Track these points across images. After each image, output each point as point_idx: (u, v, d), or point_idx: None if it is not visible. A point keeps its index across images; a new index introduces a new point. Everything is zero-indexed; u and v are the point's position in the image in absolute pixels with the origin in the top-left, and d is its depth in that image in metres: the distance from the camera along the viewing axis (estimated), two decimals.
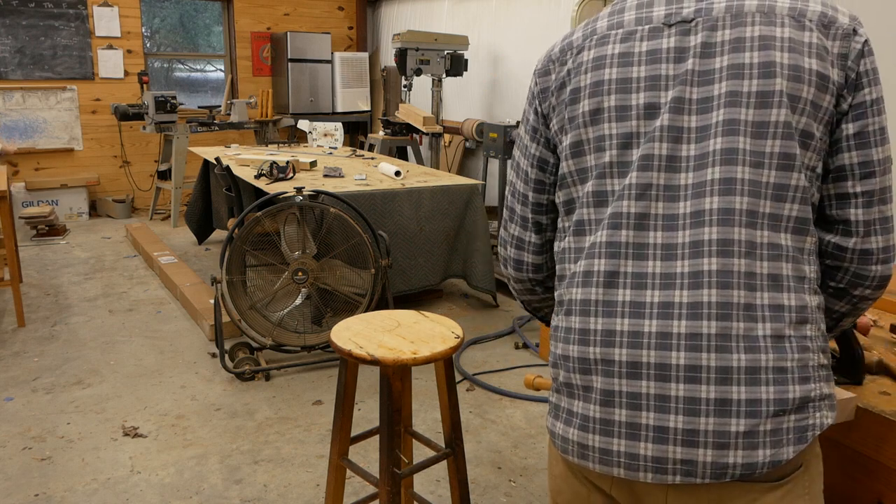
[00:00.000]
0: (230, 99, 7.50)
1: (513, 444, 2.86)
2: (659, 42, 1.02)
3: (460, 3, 6.84)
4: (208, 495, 2.48)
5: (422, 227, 4.12)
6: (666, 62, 1.01)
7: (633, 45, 1.04)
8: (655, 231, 0.98)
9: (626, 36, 1.05)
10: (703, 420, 0.94)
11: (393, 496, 1.72)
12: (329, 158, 5.26)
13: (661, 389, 0.96)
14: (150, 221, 6.88)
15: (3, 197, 3.88)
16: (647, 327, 0.97)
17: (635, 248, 0.99)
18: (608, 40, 1.06)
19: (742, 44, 0.97)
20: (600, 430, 1.00)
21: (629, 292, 0.98)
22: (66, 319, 4.17)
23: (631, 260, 0.99)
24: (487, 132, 5.11)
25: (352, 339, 1.75)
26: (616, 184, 1.02)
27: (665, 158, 0.99)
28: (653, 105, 1.00)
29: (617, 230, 1.00)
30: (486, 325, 4.16)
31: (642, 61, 1.02)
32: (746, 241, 0.95)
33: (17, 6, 6.51)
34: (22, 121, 6.73)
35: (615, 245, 1.00)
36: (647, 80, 1.01)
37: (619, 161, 1.02)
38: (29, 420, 2.98)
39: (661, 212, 0.98)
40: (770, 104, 0.95)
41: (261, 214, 3.34)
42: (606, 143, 1.03)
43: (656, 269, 0.98)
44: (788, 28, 0.97)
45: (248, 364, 3.38)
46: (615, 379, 0.98)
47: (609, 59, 1.04)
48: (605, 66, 1.04)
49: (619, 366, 0.98)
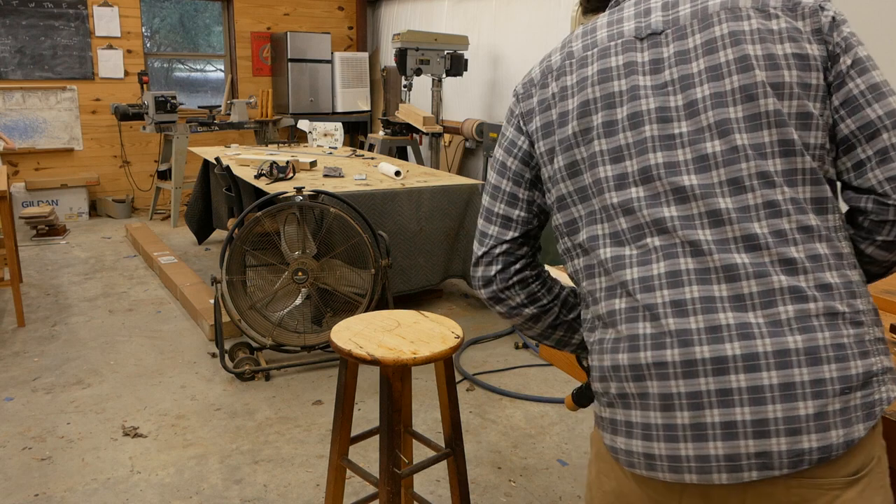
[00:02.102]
0: (230, 99, 7.50)
1: (513, 444, 2.86)
2: (633, 55, 1.05)
3: (460, 3, 6.84)
4: (208, 495, 2.48)
5: (422, 227, 4.12)
6: (643, 74, 1.03)
7: (610, 61, 1.06)
8: (676, 231, 0.99)
9: (601, 54, 1.07)
10: (771, 408, 0.91)
11: (393, 496, 1.72)
12: (329, 158, 5.26)
13: (721, 384, 0.93)
14: (150, 221, 6.88)
15: (3, 197, 3.88)
16: (694, 323, 0.95)
17: (664, 251, 0.99)
18: (587, 61, 1.08)
19: (714, 44, 0.99)
20: (664, 436, 0.96)
21: (667, 293, 0.97)
22: (66, 319, 4.17)
23: (663, 262, 0.99)
24: (487, 132, 5.11)
25: (352, 339, 1.75)
26: (622, 195, 1.02)
27: (665, 166, 1.00)
28: (636, 115, 1.02)
29: (642, 239, 1.00)
30: (486, 325, 4.16)
31: (621, 75, 1.04)
32: (772, 231, 0.95)
33: (17, 6, 6.51)
34: (22, 121, 6.73)
35: (645, 253, 1.00)
36: (628, 93, 1.03)
37: (615, 175, 1.03)
38: (29, 420, 2.98)
39: (675, 213, 0.99)
40: (755, 96, 0.96)
41: (261, 214, 3.34)
42: (599, 160, 1.04)
43: (689, 266, 0.97)
44: (755, 20, 0.99)
45: (248, 364, 3.38)
46: (671, 381, 0.96)
47: (591, 78, 1.06)
48: (587, 86, 1.06)
49: (672, 367, 0.96)
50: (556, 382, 3.41)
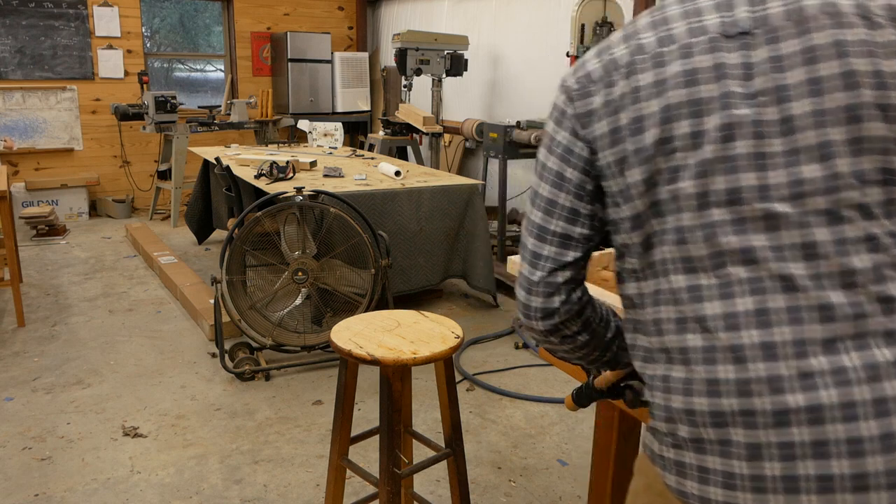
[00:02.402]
0: (230, 99, 7.50)
1: (513, 444, 2.86)
2: (721, 56, 0.93)
3: (460, 3, 6.84)
4: (208, 495, 2.48)
5: (422, 227, 4.12)
6: (734, 79, 0.92)
7: (694, 62, 0.94)
8: (766, 263, 0.90)
9: (683, 52, 0.95)
10: (871, 460, 0.85)
11: (393, 496, 1.72)
12: (329, 158, 5.26)
13: (817, 435, 0.86)
14: (150, 221, 6.88)
15: (3, 197, 3.88)
16: (786, 369, 0.88)
17: (751, 284, 0.90)
18: (664, 58, 0.95)
19: (814, 53, 0.88)
20: (751, 487, 0.90)
21: (755, 333, 0.89)
22: (66, 319, 4.17)
23: (749, 297, 0.90)
24: (487, 132, 5.11)
25: (352, 339, 1.75)
26: (702, 217, 0.93)
27: (756, 189, 0.90)
28: (728, 126, 0.91)
29: (723, 268, 0.91)
30: (486, 325, 4.15)
31: (710, 79, 0.93)
32: (870, 267, 0.87)
33: (17, 6, 6.51)
34: (22, 121, 6.73)
35: (727, 285, 0.91)
36: (719, 100, 0.92)
37: (698, 192, 0.93)
38: (29, 420, 2.98)
39: (766, 243, 0.90)
40: (860, 118, 0.87)
41: (261, 214, 3.34)
42: (683, 174, 0.93)
43: (779, 304, 0.89)
44: (861, 29, 0.88)
45: (248, 364, 3.38)
46: (760, 430, 0.89)
47: (672, 79, 0.94)
48: (668, 88, 0.94)
49: (762, 416, 0.88)
50: (556, 382, 3.41)
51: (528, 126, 4.80)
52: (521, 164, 5.95)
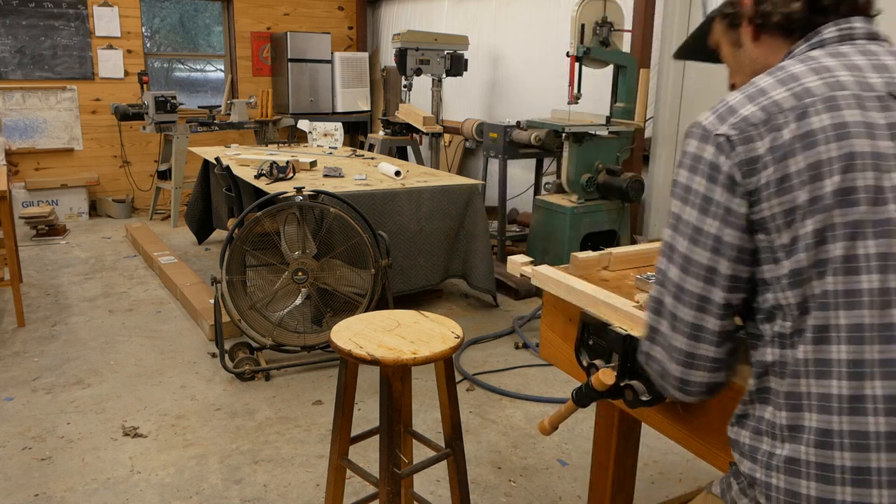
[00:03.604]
0: (230, 99, 7.50)
1: (513, 444, 2.85)
2: (893, 115, 0.90)
3: (460, 3, 6.84)
4: (208, 495, 2.48)
5: (422, 227, 4.12)
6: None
7: (871, 115, 0.90)
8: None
9: (858, 101, 0.91)
10: None
11: (393, 496, 1.72)
12: (329, 158, 5.26)
13: None
14: (150, 221, 6.88)
15: (3, 197, 3.88)
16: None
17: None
18: (839, 104, 0.91)
19: None
20: None
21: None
22: (66, 319, 4.17)
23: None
24: (487, 132, 5.11)
25: (352, 339, 1.75)
26: (875, 281, 0.86)
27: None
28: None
29: (890, 345, 0.85)
30: (486, 325, 4.15)
31: (885, 135, 0.89)
32: None
33: (17, 6, 6.51)
34: (22, 121, 6.73)
35: (891, 363, 0.85)
36: (894, 158, 0.88)
37: (877, 254, 0.87)
38: (29, 420, 2.98)
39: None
40: None
41: (261, 214, 3.34)
42: (861, 232, 0.87)
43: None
44: None
45: (248, 364, 3.38)
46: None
47: (853, 126, 0.89)
48: (850, 135, 0.89)
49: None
50: (556, 382, 3.41)
51: (528, 126, 4.80)
52: (521, 164, 5.96)
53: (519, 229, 5.64)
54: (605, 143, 4.56)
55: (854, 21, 1.00)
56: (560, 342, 1.74)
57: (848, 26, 1.00)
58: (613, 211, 4.65)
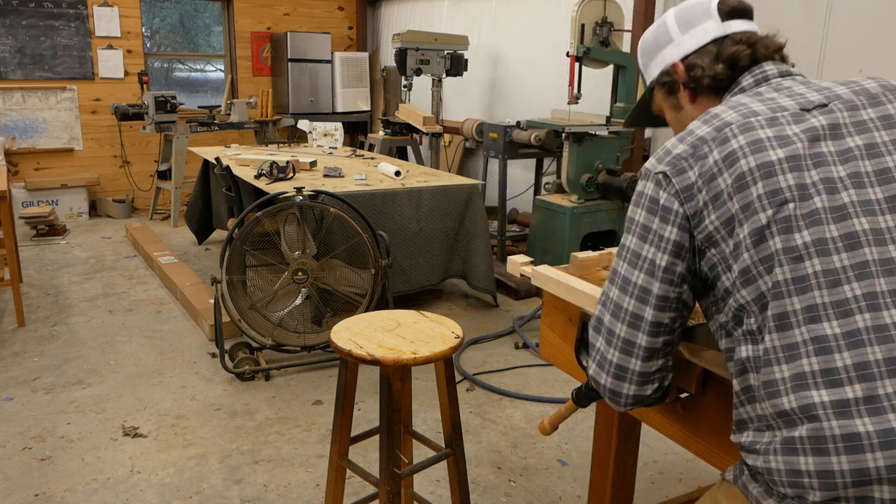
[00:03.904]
0: (230, 99, 7.50)
1: (513, 444, 2.85)
2: (809, 122, 1.05)
3: (460, 3, 6.84)
4: (208, 495, 2.48)
5: (422, 227, 4.12)
6: (824, 140, 1.03)
7: (784, 129, 1.05)
8: (889, 310, 0.93)
9: (770, 122, 1.06)
10: None
11: (393, 496, 1.72)
12: (329, 158, 5.26)
13: None
14: (150, 221, 6.88)
15: (3, 197, 3.88)
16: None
17: (877, 333, 0.92)
18: (753, 126, 1.06)
19: (892, 120, 1.06)
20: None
21: (888, 382, 0.90)
22: (66, 319, 4.17)
23: (877, 346, 0.92)
24: (487, 132, 5.11)
25: (352, 339, 1.75)
26: (817, 265, 0.97)
27: (871, 232, 0.98)
28: (829, 180, 1.01)
29: (849, 317, 0.94)
30: (486, 325, 4.15)
31: (802, 139, 1.03)
32: None
33: (17, 6, 6.51)
34: (22, 121, 6.73)
35: (854, 333, 0.93)
36: (812, 158, 1.02)
37: (813, 240, 0.98)
38: (29, 420, 2.98)
39: (885, 289, 0.95)
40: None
41: (261, 214, 3.34)
42: (794, 225, 0.99)
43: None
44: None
45: (248, 364, 3.38)
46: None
47: (767, 141, 1.04)
48: (765, 148, 1.03)
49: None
50: (556, 382, 3.41)
51: (528, 126, 4.80)
52: (521, 164, 5.95)
53: (519, 229, 5.64)
54: (605, 143, 4.57)
55: (766, 66, 1.19)
56: (560, 342, 1.74)
57: (760, 71, 1.19)
58: (613, 211, 4.65)
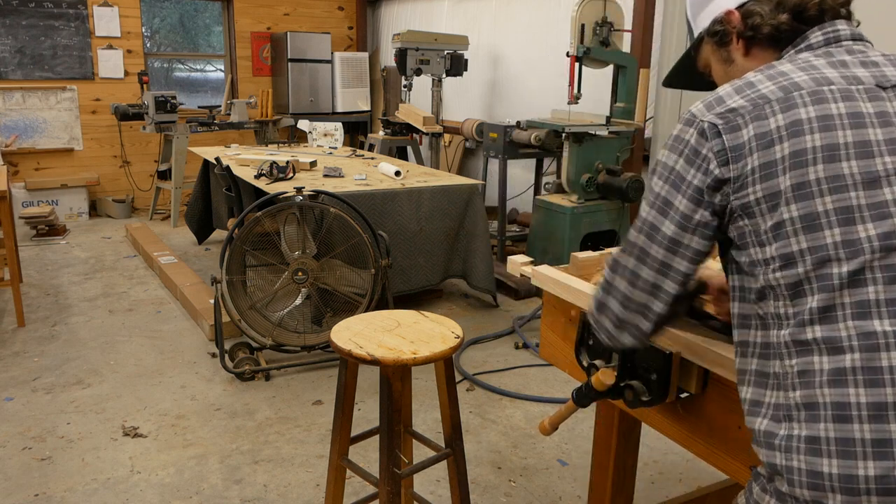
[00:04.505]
0: (230, 99, 7.50)
1: (513, 444, 2.85)
2: (883, 104, 0.96)
3: (460, 3, 6.84)
4: (208, 495, 2.48)
5: (422, 227, 4.12)
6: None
7: (859, 105, 0.96)
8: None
9: (844, 95, 0.96)
10: None
11: (393, 496, 1.72)
12: (329, 158, 5.26)
13: None
14: (150, 221, 6.88)
15: (3, 197, 3.88)
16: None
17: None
18: (826, 97, 0.96)
19: None
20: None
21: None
22: (66, 319, 4.17)
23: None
24: (487, 132, 5.11)
25: (352, 339, 1.75)
26: (877, 262, 0.91)
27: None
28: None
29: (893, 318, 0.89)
30: (486, 325, 4.15)
31: (875, 123, 0.95)
32: None
33: (17, 6, 6.51)
34: (22, 121, 6.73)
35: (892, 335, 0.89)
36: (887, 144, 0.94)
37: (878, 233, 0.91)
38: (29, 420, 2.98)
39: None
40: None
41: (261, 214, 3.33)
42: (857, 216, 0.92)
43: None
44: None
45: (248, 364, 3.38)
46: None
47: (838, 118, 0.95)
48: (834, 127, 0.94)
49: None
50: (556, 382, 3.41)
51: (528, 126, 4.80)
52: (521, 164, 5.95)
53: (519, 229, 5.64)
54: (605, 143, 4.56)
55: (838, 24, 1.07)
56: (560, 342, 1.74)
57: (833, 30, 1.06)
58: (613, 211, 4.65)
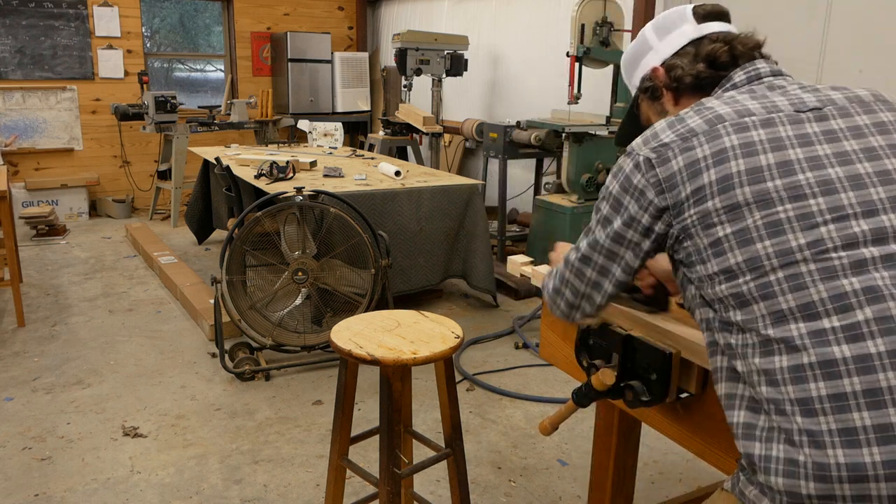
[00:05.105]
0: (230, 99, 7.50)
1: (513, 444, 2.85)
2: (803, 126, 1.07)
3: (460, 3, 6.84)
4: (208, 495, 2.48)
5: (422, 227, 4.12)
6: (819, 143, 1.06)
7: (779, 130, 1.07)
8: (890, 302, 0.95)
9: (764, 123, 1.08)
10: None
11: (393, 496, 1.72)
12: (329, 158, 5.26)
13: None
14: (150, 221, 6.88)
15: (3, 197, 3.88)
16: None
17: (879, 325, 0.94)
18: (748, 126, 1.08)
19: (886, 127, 1.09)
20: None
21: (891, 374, 0.92)
22: (66, 319, 4.17)
23: (880, 338, 0.94)
24: (487, 132, 5.11)
25: (352, 339, 1.75)
26: (812, 265, 0.99)
27: (870, 233, 1.00)
28: (826, 182, 1.02)
29: (849, 312, 0.96)
30: (486, 325, 4.15)
31: (795, 144, 1.06)
32: None
33: (17, 6, 6.51)
34: (22, 121, 6.73)
35: (854, 327, 0.95)
36: (807, 161, 1.04)
37: (809, 241, 1.00)
38: (29, 420, 2.98)
39: (889, 283, 0.97)
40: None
41: (261, 214, 3.34)
42: (787, 227, 1.01)
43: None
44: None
45: (248, 364, 3.38)
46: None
47: (759, 144, 1.06)
48: (757, 152, 1.05)
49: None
50: (556, 382, 3.41)
51: (528, 126, 4.80)
52: (521, 164, 5.95)
53: (519, 229, 5.64)
54: (605, 143, 4.56)
55: (758, 64, 1.22)
56: (560, 342, 1.74)
57: (754, 69, 1.21)
58: None
